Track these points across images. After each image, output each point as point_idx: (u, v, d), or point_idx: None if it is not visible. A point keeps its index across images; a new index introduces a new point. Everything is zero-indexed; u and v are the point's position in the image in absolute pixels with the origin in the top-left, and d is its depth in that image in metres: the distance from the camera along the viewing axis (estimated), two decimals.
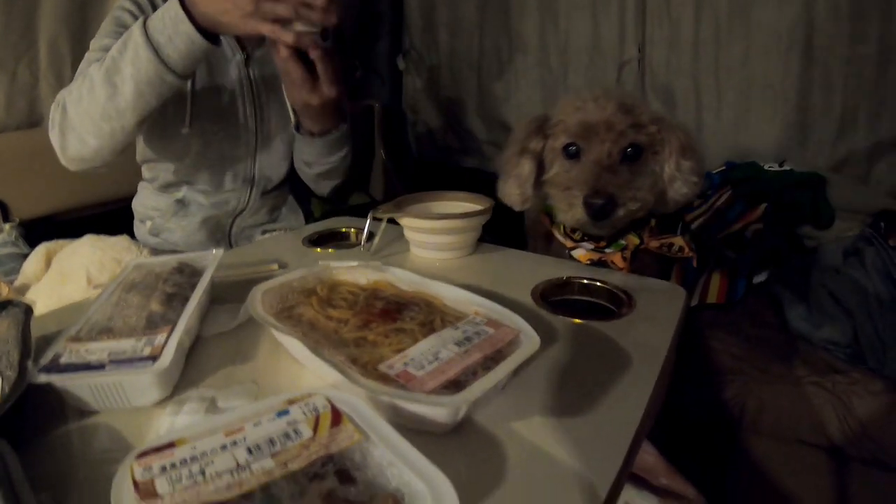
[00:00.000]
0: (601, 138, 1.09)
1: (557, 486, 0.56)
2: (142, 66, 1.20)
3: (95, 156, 1.36)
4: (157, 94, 1.25)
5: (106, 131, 1.29)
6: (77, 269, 1.38)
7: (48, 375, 0.68)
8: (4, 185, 2.05)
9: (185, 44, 1.19)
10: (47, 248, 1.64)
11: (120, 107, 1.25)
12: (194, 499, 0.44)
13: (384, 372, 0.61)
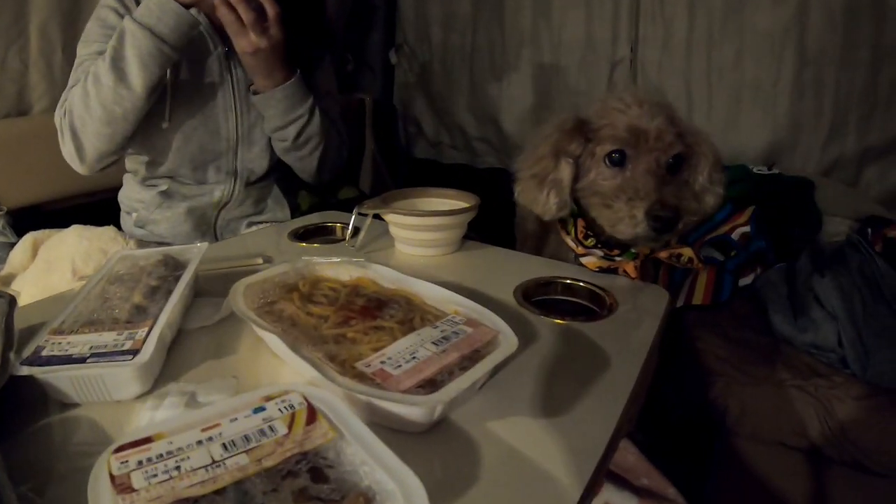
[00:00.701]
0: (651, 147, 1.05)
1: (532, 485, 0.56)
2: (142, 45, 1.33)
3: (111, 145, 1.45)
4: (159, 64, 1.37)
5: (118, 114, 1.38)
6: (63, 258, 1.39)
7: (30, 368, 0.68)
8: None
9: (174, 18, 1.34)
10: (34, 238, 1.64)
11: (130, 84, 1.36)
12: (169, 493, 0.45)
13: (361, 370, 0.61)
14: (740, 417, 1.50)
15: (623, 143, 1.07)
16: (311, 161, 1.73)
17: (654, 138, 1.05)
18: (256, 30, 1.41)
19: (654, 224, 0.99)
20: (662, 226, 0.99)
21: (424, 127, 3.35)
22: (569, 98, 2.79)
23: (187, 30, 1.37)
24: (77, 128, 1.43)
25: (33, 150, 2.08)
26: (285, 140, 1.65)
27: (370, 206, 1.16)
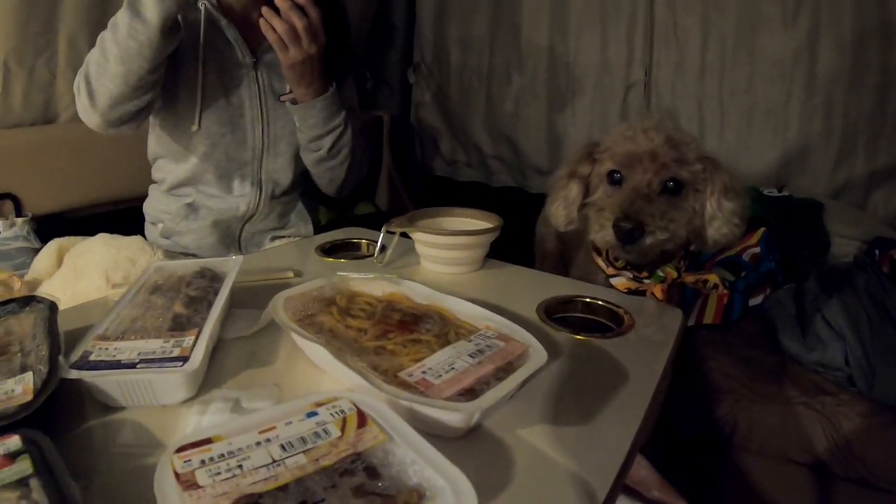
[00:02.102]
0: (643, 167, 1.12)
1: (560, 489, 0.61)
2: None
3: (124, 86, 1.42)
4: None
5: (133, 50, 1.36)
6: (91, 266, 1.42)
7: (79, 372, 0.72)
8: (18, 180, 2.06)
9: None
10: (59, 245, 1.67)
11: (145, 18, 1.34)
12: (234, 490, 0.49)
13: (404, 379, 0.66)
14: (749, 433, 1.53)
15: (619, 164, 1.16)
16: (341, 172, 1.77)
17: (647, 160, 1.12)
18: (308, 37, 1.45)
19: (617, 233, 1.08)
20: (625, 236, 1.07)
21: (440, 145, 3.39)
22: (584, 119, 2.82)
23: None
24: (91, 74, 1.44)
25: (59, 157, 2.11)
26: (320, 150, 1.69)
27: (398, 224, 1.21)
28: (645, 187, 1.12)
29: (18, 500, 0.50)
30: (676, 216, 1.12)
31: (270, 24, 1.43)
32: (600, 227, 1.12)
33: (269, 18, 1.43)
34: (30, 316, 0.87)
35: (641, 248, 1.10)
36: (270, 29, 1.44)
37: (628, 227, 1.06)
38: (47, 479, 0.54)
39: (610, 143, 1.19)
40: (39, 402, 0.66)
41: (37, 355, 0.76)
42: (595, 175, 1.22)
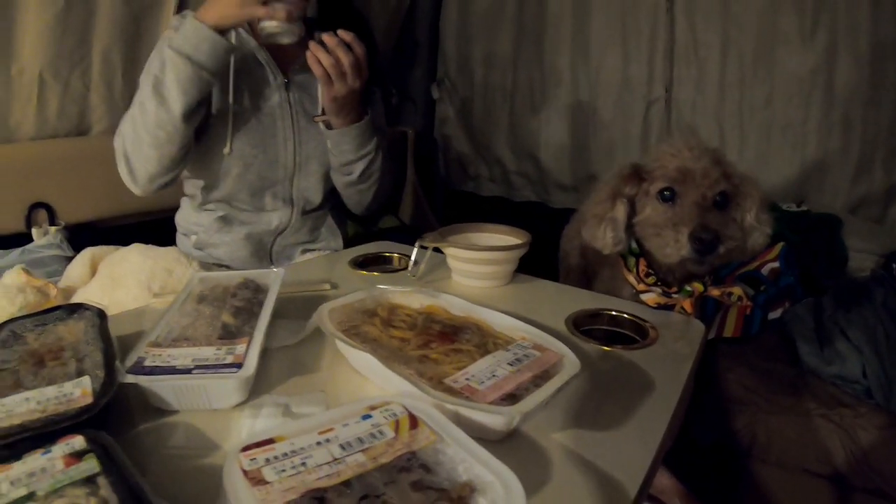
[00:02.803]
0: (697, 184, 1.16)
1: (593, 488, 0.66)
2: (180, 71, 1.41)
3: (159, 167, 1.51)
4: (198, 88, 1.44)
5: (162, 137, 1.46)
6: (128, 275, 1.45)
7: (136, 376, 0.76)
8: (52, 190, 2.09)
9: (209, 45, 1.41)
10: (92, 253, 1.71)
11: (170, 108, 1.43)
12: (300, 485, 0.53)
13: (450, 385, 0.71)
14: (767, 445, 1.55)
15: (672, 181, 1.18)
16: (368, 195, 1.81)
17: (700, 176, 1.16)
18: (353, 72, 1.49)
19: (696, 246, 1.10)
20: (704, 247, 1.10)
21: (464, 160, 3.42)
22: (605, 136, 2.85)
23: (223, 55, 1.44)
24: (128, 151, 1.52)
25: (91, 168, 2.14)
26: (351, 174, 1.73)
27: (431, 239, 1.25)
28: (702, 201, 1.15)
29: (87, 497, 0.53)
30: (733, 226, 1.17)
31: (317, 57, 1.48)
32: (675, 241, 1.14)
33: (315, 53, 1.47)
34: (79, 323, 0.91)
35: (717, 257, 1.13)
36: (317, 63, 1.48)
37: (709, 237, 1.09)
38: (115, 477, 0.57)
39: (658, 162, 1.23)
40: (101, 405, 0.69)
41: (92, 360, 0.80)
42: (642, 194, 1.25)
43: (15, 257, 1.98)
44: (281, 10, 1.34)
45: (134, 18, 2.20)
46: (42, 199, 2.08)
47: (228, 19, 1.39)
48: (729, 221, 1.17)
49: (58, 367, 0.79)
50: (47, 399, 0.71)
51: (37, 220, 2.09)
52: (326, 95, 1.56)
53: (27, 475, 0.57)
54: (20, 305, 1.45)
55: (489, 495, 0.52)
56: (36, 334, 0.89)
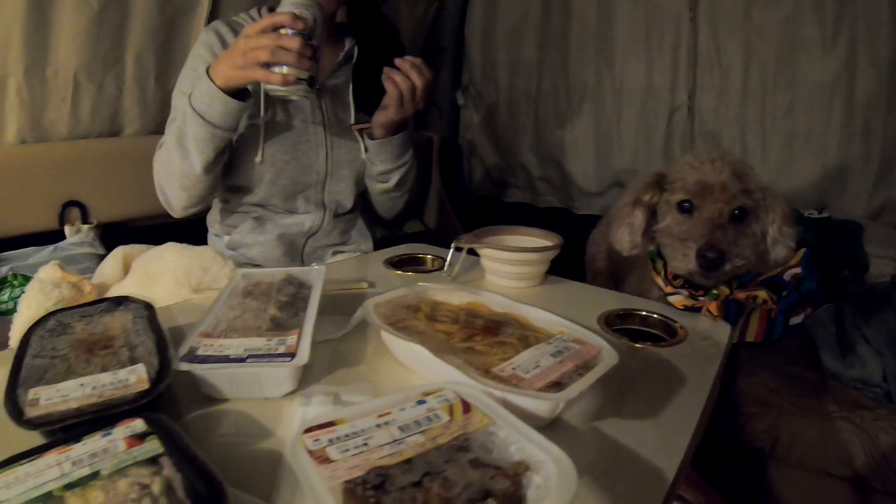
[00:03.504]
0: (715, 198, 1.19)
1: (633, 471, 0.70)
2: (197, 131, 1.46)
3: (190, 202, 1.61)
4: (213, 146, 1.50)
5: (188, 184, 1.55)
6: (165, 272, 1.48)
7: (190, 364, 0.80)
8: (85, 189, 2.14)
9: (222, 106, 1.43)
10: (125, 252, 1.74)
11: (192, 162, 1.51)
12: (364, 463, 0.56)
13: (497, 374, 0.74)
14: (789, 446, 1.57)
15: (691, 194, 1.22)
16: (401, 202, 1.86)
17: (718, 191, 1.19)
18: (423, 96, 1.56)
19: (700, 262, 1.15)
20: (708, 264, 1.14)
21: (488, 165, 3.45)
22: (629, 143, 2.88)
23: (237, 114, 1.46)
24: (163, 185, 1.60)
25: (123, 169, 2.19)
26: (387, 182, 1.76)
27: (466, 241, 1.29)
28: (717, 216, 1.19)
29: (152, 476, 0.56)
30: (746, 243, 1.19)
31: (394, 80, 1.52)
32: (683, 255, 1.18)
33: (392, 76, 1.52)
34: (126, 314, 0.95)
35: (722, 274, 1.18)
36: (393, 85, 1.53)
37: (713, 255, 1.13)
38: (178, 457, 0.59)
39: (679, 174, 1.26)
40: (159, 390, 0.73)
41: (144, 349, 0.83)
42: (663, 203, 1.29)
43: (48, 254, 2.02)
44: (276, 76, 1.33)
45: (166, 23, 2.26)
46: (75, 198, 2.12)
47: (234, 80, 1.41)
48: (742, 237, 1.20)
49: (109, 356, 0.82)
50: (103, 385, 0.73)
51: (70, 218, 2.13)
52: (392, 116, 1.60)
53: (89, 456, 0.59)
54: (56, 300, 1.49)
55: (542, 472, 0.56)
56: (83, 324, 0.92)
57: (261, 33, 1.32)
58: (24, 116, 2.05)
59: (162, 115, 2.25)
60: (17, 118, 2.03)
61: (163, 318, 0.95)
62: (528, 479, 0.55)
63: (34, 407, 0.69)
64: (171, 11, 2.26)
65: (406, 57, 1.54)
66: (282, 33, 1.31)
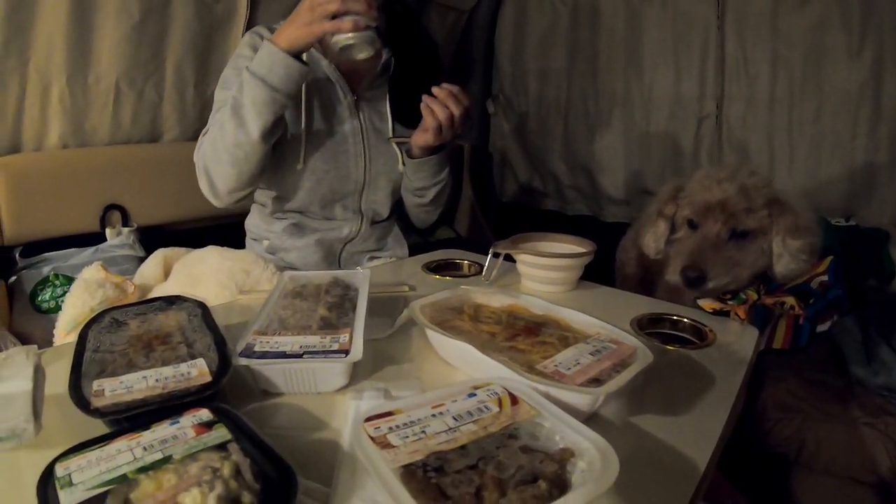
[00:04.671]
0: (715, 218, 1.29)
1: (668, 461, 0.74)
2: (256, 94, 1.46)
3: (238, 183, 1.59)
4: (272, 111, 1.49)
5: (241, 156, 1.52)
6: (207, 274, 1.52)
7: (248, 360, 0.84)
8: (126, 193, 2.20)
9: (284, 68, 1.45)
10: (165, 255, 1.79)
11: (248, 130, 1.49)
12: (423, 448, 0.61)
13: (540, 370, 0.79)
14: (815, 452, 1.58)
15: (695, 213, 1.34)
16: (434, 215, 1.91)
17: (719, 211, 1.30)
18: (461, 123, 1.59)
19: (684, 279, 1.30)
20: (690, 282, 1.29)
21: (518, 173, 3.47)
22: (658, 151, 2.90)
23: (298, 78, 1.48)
24: (209, 168, 1.59)
25: (163, 173, 2.26)
26: (424, 197, 1.81)
27: (503, 246, 1.33)
28: (714, 237, 1.30)
29: (221, 461, 0.60)
30: (741, 259, 1.30)
31: (432, 109, 1.56)
32: (673, 270, 1.31)
33: (431, 105, 1.56)
34: (179, 312, 1.01)
35: (705, 290, 1.28)
36: (431, 115, 1.57)
37: (693, 275, 1.27)
38: (246, 444, 0.64)
39: (690, 191, 1.36)
40: (221, 383, 0.78)
41: (202, 344, 0.89)
42: (679, 216, 1.40)
43: (89, 255, 2.08)
44: (348, 22, 1.37)
45: (205, 32, 2.31)
46: (116, 202, 2.18)
47: (300, 40, 1.44)
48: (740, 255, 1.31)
49: (168, 351, 0.87)
50: (165, 378, 0.78)
51: (111, 221, 2.18)
52: (431, 141, 1.64)
53: (159, 442, 0.64)
54: (100, 299, 1.54)
55: (586, 458, 0.61)
56: (138, 322, 0.98)
57: None
58: (67, 122, 2.10)
59: (200, 122, 2.31)
60: (60, 124, 2.08)
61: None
62: (573, 465, 0.60)
63: (100, 397, 0.74)
64: (210, 21, 2.31)
65: (444, 85, 1.57)
66: None
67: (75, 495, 0.57)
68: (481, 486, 0.56)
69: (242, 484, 0.58)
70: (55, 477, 0.60)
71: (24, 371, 0.89)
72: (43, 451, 0.67)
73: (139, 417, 0.70)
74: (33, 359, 0.92)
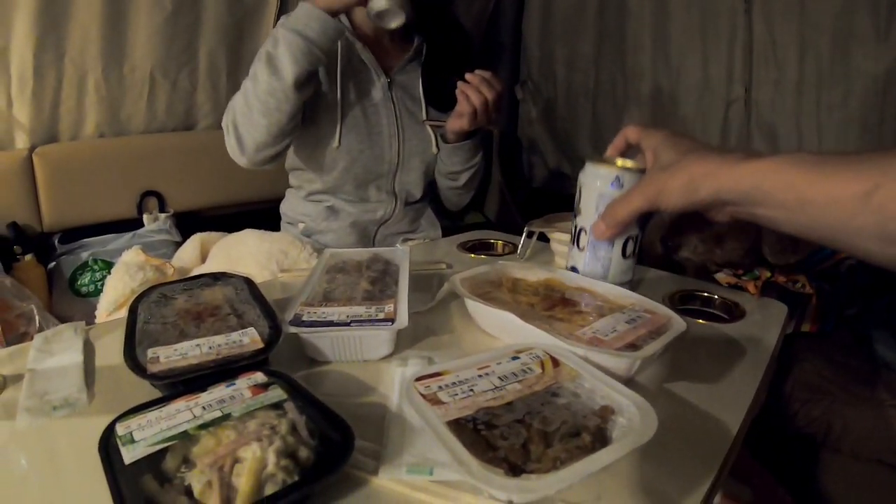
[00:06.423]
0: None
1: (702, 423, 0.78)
2: (292, 44, 1.51)
3: (267, 136, 1.62)
4: (309, 61, 1.53)
5: (272, 105, 1.56)
6: (246, 256, 1.57)
7: (297, 328, 0.88)
8: (162, 180, 2.29)
9: (319, 23, 1.51)
10: (202, 238, 1.85)
11: (282, 76, 1.53)
12: (472, 404, 0.65)
13: (579, 336, 0.82)
14: (842, 434, 1.61)
15: None
16: (466, 198, 1.97)
17: None
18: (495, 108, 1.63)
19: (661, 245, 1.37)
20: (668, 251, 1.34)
21: (547, 158, 3.48)
22: None
23: (333, 34, 1.54)
24: (238, 122, 1.63)
25: (197, 160, 2.34)
26: (457, 181, 1.86)
27: (537, 225, 1.36)
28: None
29: (278, 419, 0.64)
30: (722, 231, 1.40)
31: (467, 94, 1.60)
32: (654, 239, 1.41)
33: (466, 91, 1.60)
34: (226, 287, 1.04)
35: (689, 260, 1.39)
36: (466, 101, 1.61)
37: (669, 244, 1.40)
38: (301, 402, 0.68)
39: None
40: (274, 348, 0.82)
41: (252, 315, 0.93)
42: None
43: (127, 240, 2.15)
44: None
45: (237, 23, 2.37)
46: (153, 188, 2.26)
47: (337, 3, 1.50)
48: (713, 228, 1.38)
49: (218, 322, 0.91)
50: (218, 345, 0.82)
51: (148, 207, 2.25)
52: (466, 126, 1.68)
53: (217, 402, 0.68)
54: (140, 281, 1.59)
55: (626, 414, 0.64)
56: (185, 297, 1.01)
57: None
58: (103, 112, 2.18)
59: None
60: (96, 113, 2.16)
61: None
62: (613, 421, 0.63)
63: (155, 364, 0.78)
64: (241, 12, 2.38)
65: (477, 71, 1.61)
66: None
67: (137, 451, 0.60)
68: (528, 439, 0.59)
69: (299, 440, 0.62)
70: (116, 435, 0.64)
71: (75, 345, 0.94)
72: (96, 418, 0.71)
73: (195, 381, 0.74)
74: (81, 334, 0.97)
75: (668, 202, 0.84)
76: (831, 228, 0.66)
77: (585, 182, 1.08)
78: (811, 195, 0.66)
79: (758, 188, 0.72)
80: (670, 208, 0.85)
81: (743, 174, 0.74)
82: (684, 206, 0.83)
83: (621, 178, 1.02)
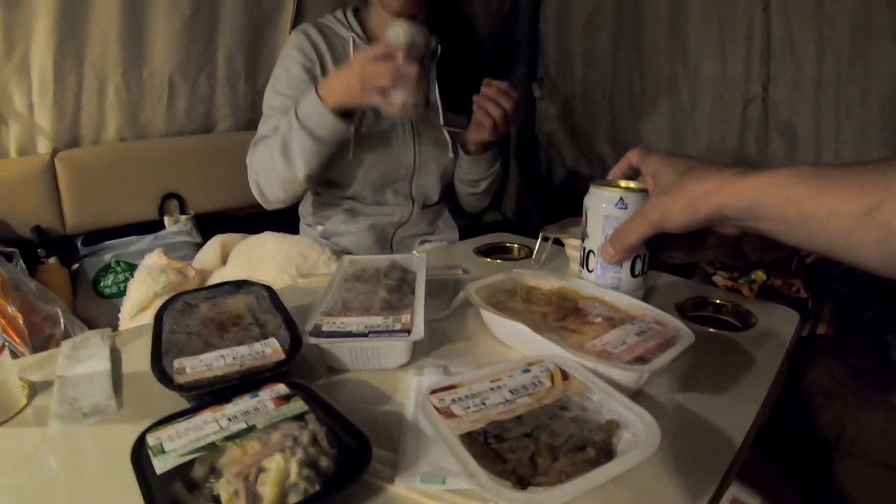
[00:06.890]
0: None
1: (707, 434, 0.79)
2: (304, 144, 1.56)
3: (287, 197, 1.72)
4: (319, 160, 1.60)
5: (290, 188, 1.66)
6: (266, 259, 1.58)
7: (317, 339, 0.91)
8: (183, 182, 2.31)
9: (329, 125, 1.53)
10: (222, 240, 1.87)
11: (295, 171, 1.60)
12: (484, 417, 0.68)
13: (589, 349, 0.85)
14: (855, 438, 1.62)
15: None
16: (484, 202, 1.99)
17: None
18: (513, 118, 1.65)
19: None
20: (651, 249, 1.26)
21: (564, 156, 3.49)
22: (704, 133, 2.88)
23: (343, 134, 1.57)
24: (260, 183, 1.70)
25: (217, 163, 2.36)
26: (476, 188, 1.88)
27: (552, 231, 1.38)
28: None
29: (300, 430, 0.67)
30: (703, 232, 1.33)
31: (486, 109, 1.61)
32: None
33: (484, 105, 1.61)
34: (248, 296, 1.07)
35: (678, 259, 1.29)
36: (486, 115, 1.62)
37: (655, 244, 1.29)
38: (321, 414, 0.71)
39: None
40: (295, 360, 0.84)
41: (273, 325, 0.95)
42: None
43: (148, 242, 2.17)
44: (397, 102, 1.42)
45: (254, 26, 2.39)
46: (174, 190, 2.28)
47: (348, 103, 1.51)
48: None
49: (241, 331, 0.94)
50: (242, 356, 0.85)
51: (168, 209, 2.27)
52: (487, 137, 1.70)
53: (242, 413, 0.71)
54: (163, 284, 1.62)
55: (631, 429, 0.66)
56: (209, 305, 1.04)
57: (377, 60, 1.40)
58: (123, 116, 2.21)
59: (252, 112, 2.41)
60: (117, 117, 2.19)
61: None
62: (618, 435, 0.66)
63: (182, 375, 0.81)
64: (258, 15, 2.40)
65: (493, 82, 1.62)
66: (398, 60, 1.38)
67: (168, 461, 0.64)
68: (535, 453, 0.62)
69: (320, 450, 0.65)
70: (147, 446, 0.67)
71: (102, 352, 0.97)
72: (125, 425, 0.75)
73: (220, 392, 0.77)
74: (108, 341, 1.00)
75: (671, 224, 0.86)
76: (833, 243, 0.68)
77: (591, 205, 1.08)
78: (812, 210, 0.68)
79: (759, 204, 0.73)
80: (675, 230, 0.86)
81: (743, 190, 0.75)
82: (687, 225, 0.84)
83: (625, 199, 1.03)
